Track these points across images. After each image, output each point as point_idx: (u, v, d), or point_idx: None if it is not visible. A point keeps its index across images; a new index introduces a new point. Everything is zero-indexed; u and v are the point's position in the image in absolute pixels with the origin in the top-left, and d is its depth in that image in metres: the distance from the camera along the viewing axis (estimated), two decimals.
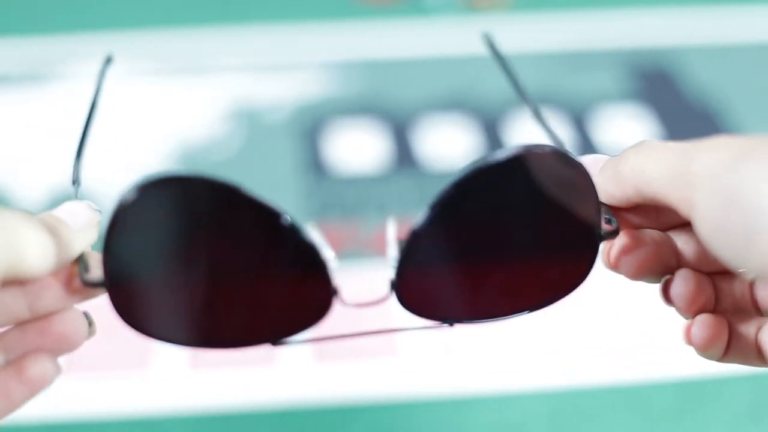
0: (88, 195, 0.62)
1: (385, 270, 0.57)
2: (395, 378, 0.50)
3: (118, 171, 0.65)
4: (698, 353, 0.28)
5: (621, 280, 0.55)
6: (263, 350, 0.51)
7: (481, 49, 0.78)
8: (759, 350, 0.27)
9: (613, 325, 0.53)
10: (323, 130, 0.69)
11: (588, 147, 0.67)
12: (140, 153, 0.66)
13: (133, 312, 0.26)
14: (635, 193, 0.26)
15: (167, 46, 0.78)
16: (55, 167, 0.65)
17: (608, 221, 0.28)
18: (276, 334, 0.27)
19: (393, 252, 0.27)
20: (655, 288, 0.29)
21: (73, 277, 0.25)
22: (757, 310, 0.28)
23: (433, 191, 0.62)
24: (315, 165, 0.65)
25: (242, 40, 0.80)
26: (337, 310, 0.52)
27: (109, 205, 0.29)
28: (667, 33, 0.81)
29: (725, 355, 0.28)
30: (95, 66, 0.75)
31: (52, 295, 0.25)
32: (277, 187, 0.63)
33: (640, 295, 0.55)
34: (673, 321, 0.53)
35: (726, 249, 0.23)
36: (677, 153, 0.24)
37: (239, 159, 0.66)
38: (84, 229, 0.26)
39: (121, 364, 0.51)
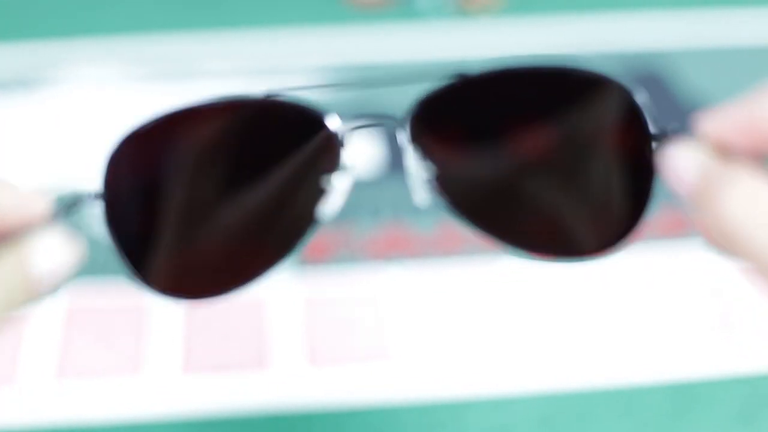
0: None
1: (379, 274, 0.57)
2: (388, 381, 0.50)
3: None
4: None
5: (613, 281, 0.55)
6: (256, 353, 0.51)
7: (472, 53, 0.78)
8: None
9: (605, 328, 0.53)
10: None
11: None
12: None
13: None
14: None
15: (157, 51, 0.78)
16: (43, 172, 0.65)
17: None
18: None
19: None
20: (648, 290, 0.29)
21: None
22: None
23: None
24: None
25: (232, 44, 0.79)
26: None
27: (99, 208, 0.29)
28: (659, 36, 0.81)
29: None
30: (85, 71, 0.75)
31: None
32: None
33: (631, 298, 0.55)
34: (665, 324, 0.53)
35: None
36: None
37: None
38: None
39: (112, 369, 0.51)
